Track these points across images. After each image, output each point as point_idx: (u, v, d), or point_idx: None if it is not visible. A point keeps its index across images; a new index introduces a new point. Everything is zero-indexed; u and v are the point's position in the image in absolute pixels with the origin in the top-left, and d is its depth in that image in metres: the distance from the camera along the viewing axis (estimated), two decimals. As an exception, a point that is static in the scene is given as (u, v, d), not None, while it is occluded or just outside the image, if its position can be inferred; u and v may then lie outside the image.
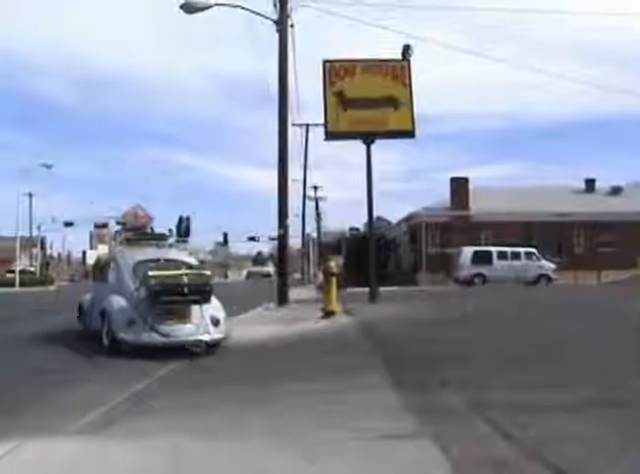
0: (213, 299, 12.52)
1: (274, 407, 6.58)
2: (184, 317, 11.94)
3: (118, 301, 12.19)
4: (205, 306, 12.13)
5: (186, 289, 11.71)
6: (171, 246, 15.25)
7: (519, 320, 15.03)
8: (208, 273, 13.12)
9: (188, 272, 12.38)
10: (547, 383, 7.15)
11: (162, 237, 15.51)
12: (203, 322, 11.97)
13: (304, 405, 6.64)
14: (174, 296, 11.71)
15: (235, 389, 7.66)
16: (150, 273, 11.83)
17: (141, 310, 11.78)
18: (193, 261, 14.36)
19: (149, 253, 13.80)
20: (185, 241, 18.57)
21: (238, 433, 5.59)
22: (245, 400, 6.99)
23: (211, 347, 11.76)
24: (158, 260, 13.31)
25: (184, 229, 21.47)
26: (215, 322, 12.14)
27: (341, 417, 6.01)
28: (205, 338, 11.71)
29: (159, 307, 11.70)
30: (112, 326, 11.76)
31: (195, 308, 12.03)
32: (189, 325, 11.87)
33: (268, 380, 8.18)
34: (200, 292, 11.93)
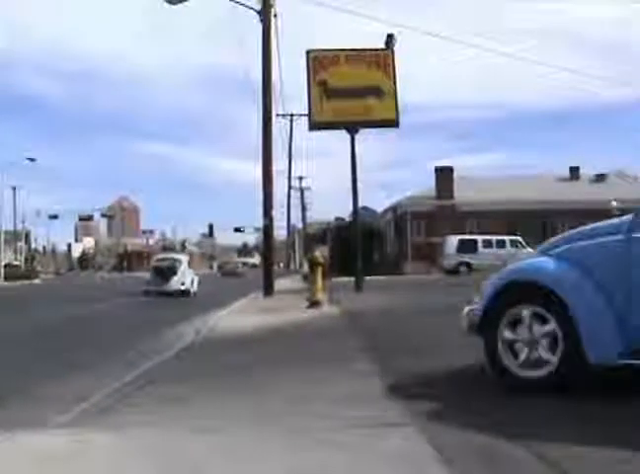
0: (187, 272, 32.36)
1: (260, 396, 6.59)
2: (167, 280, 31.18)
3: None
4: (178, 276, 31.57)
5: (165, 269, 31.83)
6: (177, 251, 41.42)
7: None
8: (179, 262, 32.89)
9: (170, 261, 33.17)
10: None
11: (172, 248, 40.81)
12: (178, 282, 31.25)
13: (290, 394, 6.65)
14: (160, 271, 31.98)
15: (218, 379, 7.65)
16: (153, 263, 34.13)
17: (151, 278, 32.21)
18: (181, 257, 35.11)
19: (164, 254, 35.19)
20: (184, 249, 51.93)
21: (221, 422, 5.59)
22: (229, 390, 6.99)
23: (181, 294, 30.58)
24: (165, 258, 34.54)
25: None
26: (182, 283, 31.39)
27: (326, 405, 6.02)
28: (177, 288, 30.92)
29: (156, 276, 31.87)
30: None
31: (173, 276, 31.50)
32: (170, 283, 31.04)
33: (252, 369, 8.18)
34: (172, 269, 31.63)
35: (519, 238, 42.51)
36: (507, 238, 42.34)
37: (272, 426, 5.48)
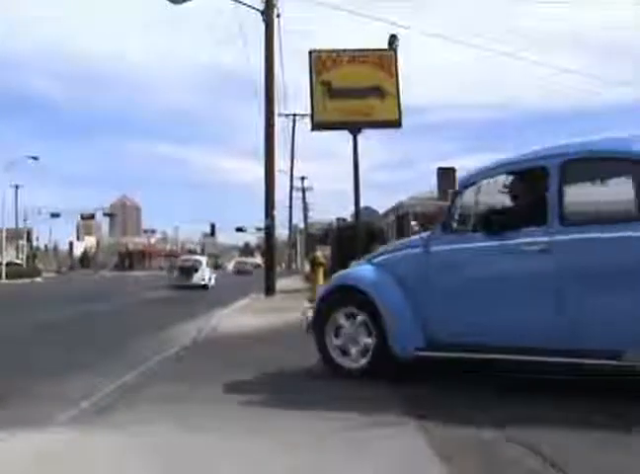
0: (206, 270, 40.96)
1: (260, 395, 6.60)
2: (191, 276, 39.28)
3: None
4: (199, 273, 39.88)
5: (189, 268, 40.70)
6: (197, 253, 57.97)
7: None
8: (199, 263, 41.80)
9: (192, 261, 42.71)
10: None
11: (194, 251, 54.57)
12: (199, 278, 39.60)
13: (290, 393, 6.66)
14: (185, 269, 40.60)
15: (219, 379, 7.67)
16: (179, 263, 43.97)
17: (177, 275, 40.57)
18: (201, 258, 44.91)
19: (188, 256, 51.40)
20: (202, 253, 65.83)
21: (222, 423, 5.60)
22: (229, 390, 7.00)
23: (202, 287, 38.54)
24: (188, 259, 45.26)
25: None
26: (202, 278, 39.65)
27: (327, 405, 6.03)
28: (198, 283, 38.94)
29: (182, 273, 40.31)
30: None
31: (195, 273, 39.86)
32: (193, 279, 39.15)
33: (254, 368, 8.19)
34: (194, 268, 40.31)
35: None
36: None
37: (271, 426, 5.49)
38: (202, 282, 39.28)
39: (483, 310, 6.20)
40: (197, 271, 39.94)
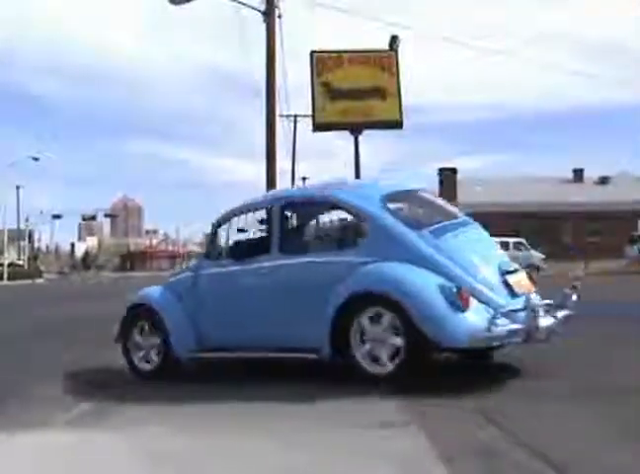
0: None
1: (259, 396, 6.60)
2: None
3: None
4: None
5: None
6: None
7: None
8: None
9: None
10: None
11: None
12: None
13: (291, 393, 6.66)
14: None
15: (217, 379, 7.67)
16: None
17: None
18: None
19: None
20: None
21: (222, 422, 5.60)
22: (231, 389, 7.00)
23: None
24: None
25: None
26: None
27: (328, 405, 6.03)
28: None
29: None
30: None
31: None
32: None
33: (252, 368, 8.19)
34: None
35: (522, 240, 42.49)
36: (510, 240, 42.29)
37: (271, 426, 5.49)
38: None
39: (233, 319, 7.61)
40: None
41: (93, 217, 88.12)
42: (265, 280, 7.32)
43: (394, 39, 24.44)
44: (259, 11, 23.20)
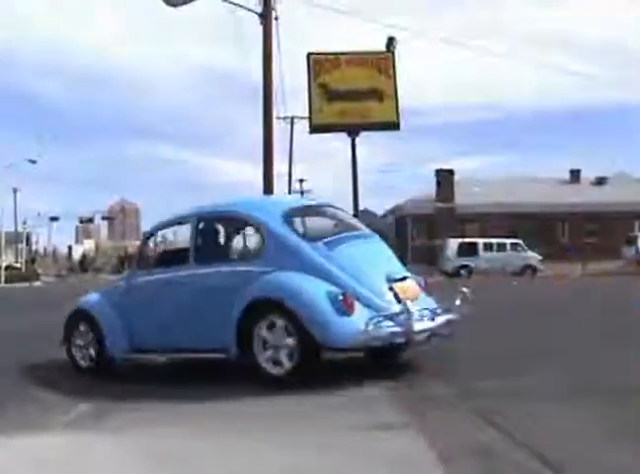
0: None
1: (259, 398, 6.60)
2: None
3: None
4: None
5: None
6: None
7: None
8: None
9: None
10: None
11: None
12: None
13: (290, 394, 6.66)
14: None
15: (220, 378, 7.67)
16: None
17: None
18: None
19: None
20: None
21: (214, 424, 5.61)
22: (220, 389, 7.00)
23: None
24: None
25: None
26: None
27: (328, 406, 6.03)
28: None
29: None
30: None
31: None
32: None
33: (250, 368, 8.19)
34: None
35: (519, 241, 42.50)
36: (507, 241, 42.31)
37: (271, 426, 5.49)
38: None
39: (158, 323, 8.23)
40: None
41: (90, 220, 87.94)
42: (183, 288, 8.04)
43: (391, 41, 24.49)
44: (256, 13, 23.22)
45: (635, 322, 11.61)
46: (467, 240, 44.03)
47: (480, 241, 42.95)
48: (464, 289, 7.98)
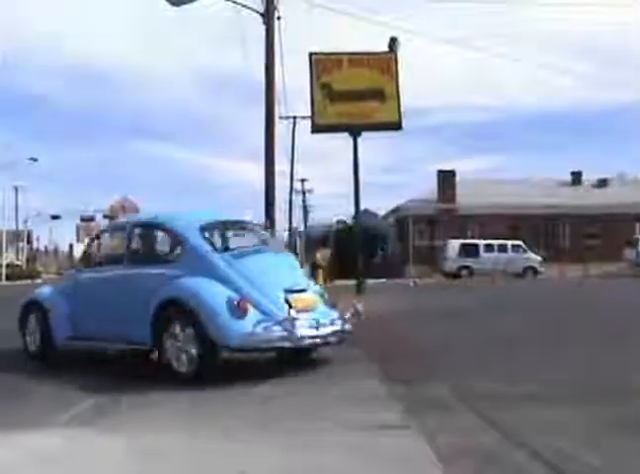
0: None
1: (259, 397, 6.60)
2: None
3: None
4: None
5: None
6: None
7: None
8: None
9: None
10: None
11: None
12: None
13: (292, 394, 6.66)
14: None
15: (220, 381, 7.67)
16: None
17: None
18: None
19: None
20: None
21: (214, 424, 5.61)
22: (219, 388, 7.00)
23: None
24: None
25: None
26: None
27: (328, 406, 6.03)
28: None
29: None
30: None
31: None
32: None
33: (255, 370, 8.20)
34: None
35: (520, 242, 42.49)
36: (509, 242, 42.30)
37: (272, 427, 5.49)
38: None
39: (95, 316, 9.24)
40: None
41: (91, 218, 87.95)
42: (116, 286, 9.07)
43: (393, 41, 24.44)
44: (258, 12, 23.21)
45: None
46: (468, 241, 44.04)
47: (481, 242, 42.96)
48: (355, 302, 9.24)
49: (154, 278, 8.47)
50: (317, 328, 8.06)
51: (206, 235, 8.74)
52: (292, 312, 7.80)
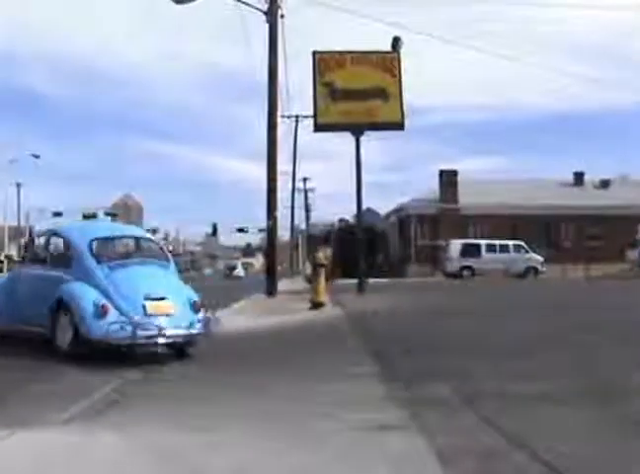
0: (241, 269, 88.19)
1: (261, 396, 6.60)
2: (233, 271, 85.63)
3: None
4: (238, 269, 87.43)
5: (232, 266, 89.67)
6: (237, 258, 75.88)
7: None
8: (237, 264, 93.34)
9: (234, 263, 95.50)
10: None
11: (235, 258, 74.59)
12: (238, 272, 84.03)
13: (292, 395, 6.66)
14: (231, 268, 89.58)
15: (222, 379, 7.67)
16: (227, 264, 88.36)
17: (226, 271, 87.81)
18: (238, 262, 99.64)
19: (230, 262, 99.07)
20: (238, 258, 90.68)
21: (224, 422, 5.60)
22: (232, 390, 7.00)
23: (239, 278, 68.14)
24: (232, 263, 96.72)
25: None
26: (239, 273, 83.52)
27: (329, 407, 6.03)
28: (237, 275, 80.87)
29: (229, 270, 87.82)
30: None
31: (235, 269, 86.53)
32: (235, 272, 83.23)
33: (255, 370, 8.19)
34: (235, 267, 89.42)
35: (522, 243, 42.47)
36: (510, 243, 42.29)
37: (272, 425, 5.48)
38: (239, 274, 79.92)
39: (24, 303, 10.93)
40: (236, 268, 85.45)
41: (94, 215, 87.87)
42: (37, 282, 10.88)
43: (397, 41, 24.42)
44: (261, 11, 23.19)
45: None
46: (470, 241, 44.03)
47: (483, 242, 42.95)
48: (210, 313, 11.07)
49: (57, 279, 10.30)
50: (161, 330, 9.47)
51: (94, 247, 10.52)
52: (138, 318, 9.50)
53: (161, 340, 9.53)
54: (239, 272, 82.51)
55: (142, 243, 11.55)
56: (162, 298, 9.89)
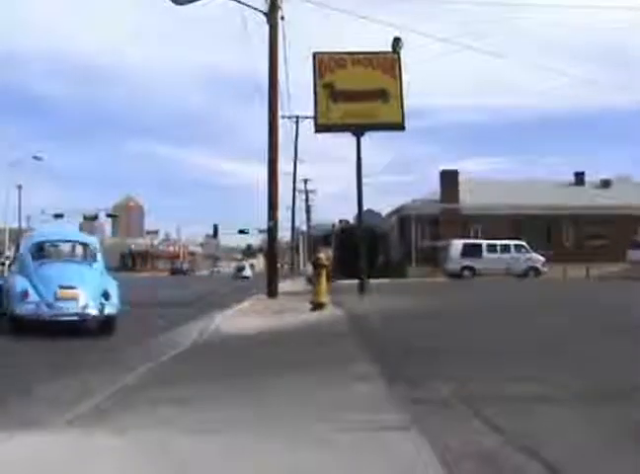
0: (248, 269, 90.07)
1: (261, 397, 6.60)
2: (242, 272, 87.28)
3: None
4: (246, 270, 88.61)
5: (240, 267, 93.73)
6: (244, 259, 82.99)
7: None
8: (245, 265, 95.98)
9: (242, 264, 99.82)
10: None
11: (242, 259, 76.96)
12: (246, 273, 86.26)
13: (292, 395, 6.66)
14: (239, 268, 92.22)
15: (221, 380, 7.67)
16: (236, 265, 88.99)
17: (235, 271, 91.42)
18: (245, 263, 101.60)
19: (239, 263, 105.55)
20: (244, 259, 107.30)
21: (226, 424, 5.60)
22: (231, 391, 7.00)
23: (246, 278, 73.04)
24: (240, 264, 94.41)
25: None
26: (247, 273, 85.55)
27: (329, 408, 6.03)
28: (245, 275, 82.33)
29: (237, 271, 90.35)
30: None
31: (244, 270, 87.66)
32: (243, 273, 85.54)
33: (255, 371, 8.19)
34: (243, 268, 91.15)
35: (523, 243, 42.47)
36: (511, 243, 42.32)
37: (272, 427, 5.48)
38: (247, 275, 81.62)
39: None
40: (244, 269, 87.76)
41: (95, 217, 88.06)
42: (7, 276, 14.81)
43: (397, 42, 24.44)
44: (262, 12, 23.20)
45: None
46: (471, 241, 44.06)
47: (484, 242, 43.00)
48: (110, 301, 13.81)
49: (10, 273, 14.29)
50: (65, 311, 13.01)
51: (34, 249, 14.33)
52: (52, 301, 13.05)
53: (64, 318, 12.99)
54: (247, 272, 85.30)
55: (77, 246, 15.57)
56: (72, 287, 13.31)
